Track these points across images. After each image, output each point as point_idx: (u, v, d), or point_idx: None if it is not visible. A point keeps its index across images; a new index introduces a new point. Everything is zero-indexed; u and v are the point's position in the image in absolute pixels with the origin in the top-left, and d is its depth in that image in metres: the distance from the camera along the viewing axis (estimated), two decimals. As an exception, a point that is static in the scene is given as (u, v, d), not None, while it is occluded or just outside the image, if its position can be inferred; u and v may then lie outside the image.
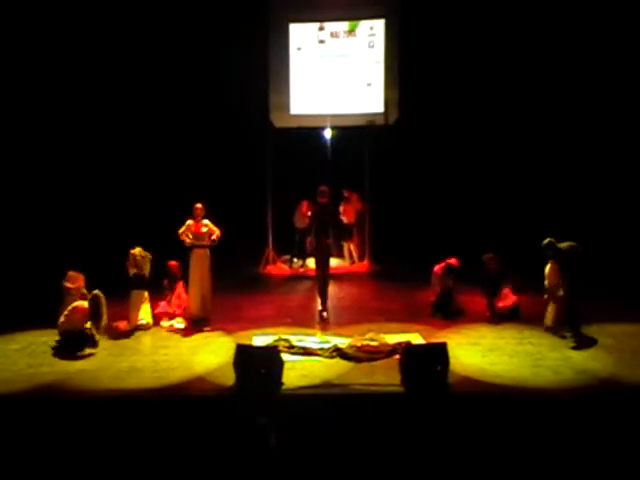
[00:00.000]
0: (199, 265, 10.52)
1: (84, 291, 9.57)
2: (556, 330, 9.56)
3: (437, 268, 10.94)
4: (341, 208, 14.80)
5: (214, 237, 10.53)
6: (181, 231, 10.48)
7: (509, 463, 6.44)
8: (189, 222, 10.50)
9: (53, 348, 9.20)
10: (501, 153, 14.17)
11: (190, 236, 10.47)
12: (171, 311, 10.70)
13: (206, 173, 13.63)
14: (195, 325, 10.28)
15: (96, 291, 9.24)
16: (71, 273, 9.95)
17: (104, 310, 9.23)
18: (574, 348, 9.05)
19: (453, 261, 10.90)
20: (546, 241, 9.57)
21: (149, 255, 10.46)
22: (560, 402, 7.33)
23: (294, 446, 6.57)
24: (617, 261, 12.43)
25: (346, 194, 14.79)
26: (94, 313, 9.12)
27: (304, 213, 13.39)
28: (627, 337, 9.49)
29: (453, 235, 12.92)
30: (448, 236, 12.87)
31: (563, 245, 9.58)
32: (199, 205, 10.56)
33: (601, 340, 9.31)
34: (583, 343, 9.16)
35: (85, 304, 9.20)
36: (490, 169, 14.26)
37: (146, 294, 10.40)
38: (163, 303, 10.80)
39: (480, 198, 14.24)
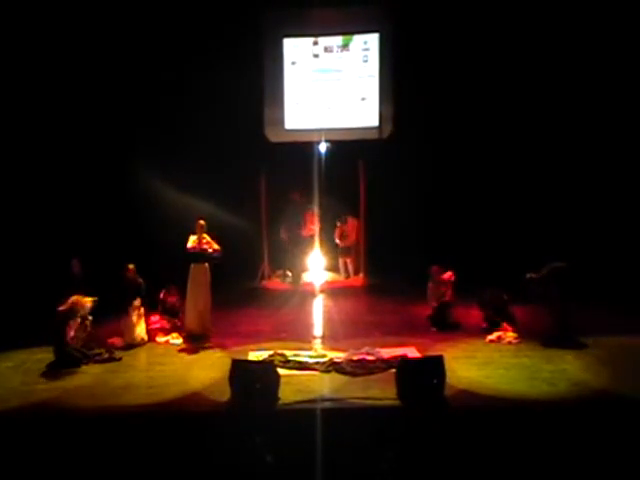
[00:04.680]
0: (196, 280, 10.54)
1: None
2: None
3: (430, 285, 11.01)
4: (336, 233, 14.86)
5: (211, 249, 10.56)
6: (190, 246, 10.55)
7: (505, 476, 6.45)
8: (193, 237, 10.57)
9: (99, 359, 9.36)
10: (496, 166, 14.18)
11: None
12: (168, 326, 10.72)
13: (201, 189, 13.61)
14: (193, 341, 10.25)
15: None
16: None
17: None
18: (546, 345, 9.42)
19: (446, 275, 10.95)
20: (527, 277, 10.00)
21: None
22: (555, 414, 7.33)
23: (290, 461, 6.56)
24: (612, 274, 12.44)
25: (339, 223, 14.92)
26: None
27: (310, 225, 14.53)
28: (622, 349, 9.49)
29: (448, 249, 12.91)
30: (443, 250, 12.86)
31: (544, 270, 9.88)
32: (202, 221, 10.65)
33: (596, 352, 9.32)
34: (575, 353, 9.30)
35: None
36: (485, 182, 14.29)
37: (142, 310, 10.40)
38: (156, 317, 10.80)
39: (475, 211, 14.25)
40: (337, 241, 14.95)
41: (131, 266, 10.42)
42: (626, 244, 13.23)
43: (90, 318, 9.71)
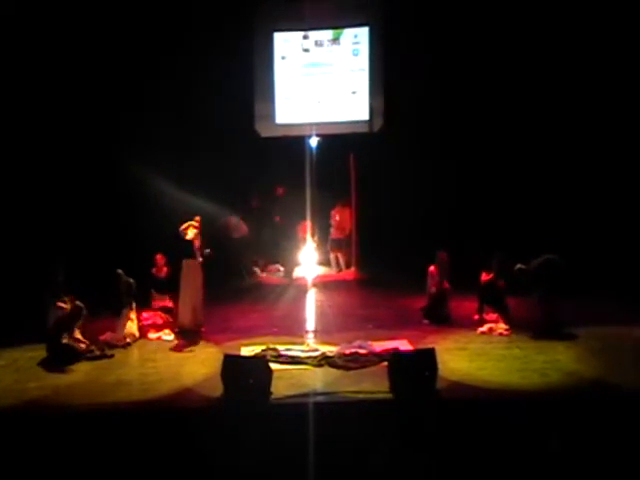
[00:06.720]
0: (189, 276, 10.55)
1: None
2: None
3: (432, 268, 10.91)
4: (333, 220, 14.87)
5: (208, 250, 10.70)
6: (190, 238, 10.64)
7: (498, 467, 6.47)
8: (194, 231, 10.66)
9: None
10: (488, 157, 14.18)
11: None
12: (160, 322, 10.70)
13: (191, 184, 13.56)
14: (185, 337, 10.24)
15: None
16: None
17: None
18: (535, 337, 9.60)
19: (442, 255, 10.93)
20: (516, 268, 10.06)
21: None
22: (548, 405, 7.35)
23: (284, 456, 6.56)
24: (604, 265, 12.45)
25: (339, 206, 14.95)
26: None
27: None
28: (613, 339, 9.53)
29: (439, 241, 12.91)
30: (434, 243, 12.85)
31: (536, 262, 9.97)
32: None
33: (588, 342, 9.37)
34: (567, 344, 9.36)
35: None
36: (477, 174, 14.29)
37: (134, 306, 10.37)
38: (148, 314, 10.79)
39: (467, 203, 14.25)
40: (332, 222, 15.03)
41: (120, 271, 10.36)
42: (619, 235, 13.22)
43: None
